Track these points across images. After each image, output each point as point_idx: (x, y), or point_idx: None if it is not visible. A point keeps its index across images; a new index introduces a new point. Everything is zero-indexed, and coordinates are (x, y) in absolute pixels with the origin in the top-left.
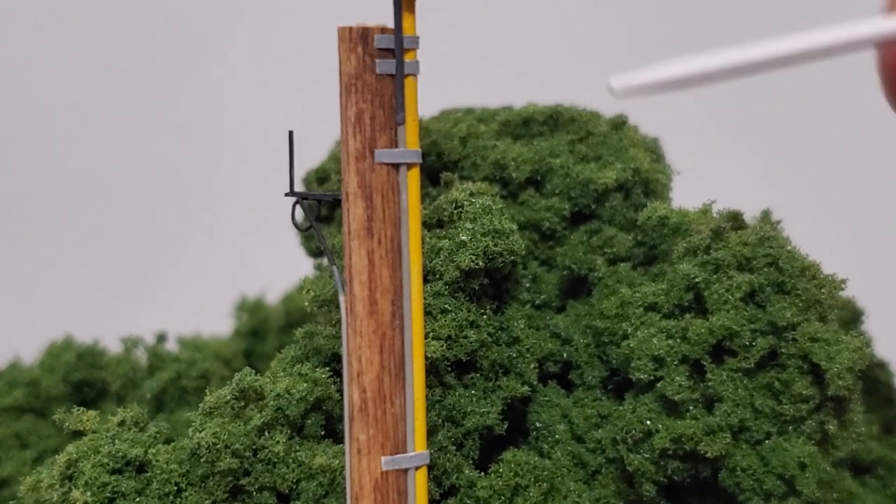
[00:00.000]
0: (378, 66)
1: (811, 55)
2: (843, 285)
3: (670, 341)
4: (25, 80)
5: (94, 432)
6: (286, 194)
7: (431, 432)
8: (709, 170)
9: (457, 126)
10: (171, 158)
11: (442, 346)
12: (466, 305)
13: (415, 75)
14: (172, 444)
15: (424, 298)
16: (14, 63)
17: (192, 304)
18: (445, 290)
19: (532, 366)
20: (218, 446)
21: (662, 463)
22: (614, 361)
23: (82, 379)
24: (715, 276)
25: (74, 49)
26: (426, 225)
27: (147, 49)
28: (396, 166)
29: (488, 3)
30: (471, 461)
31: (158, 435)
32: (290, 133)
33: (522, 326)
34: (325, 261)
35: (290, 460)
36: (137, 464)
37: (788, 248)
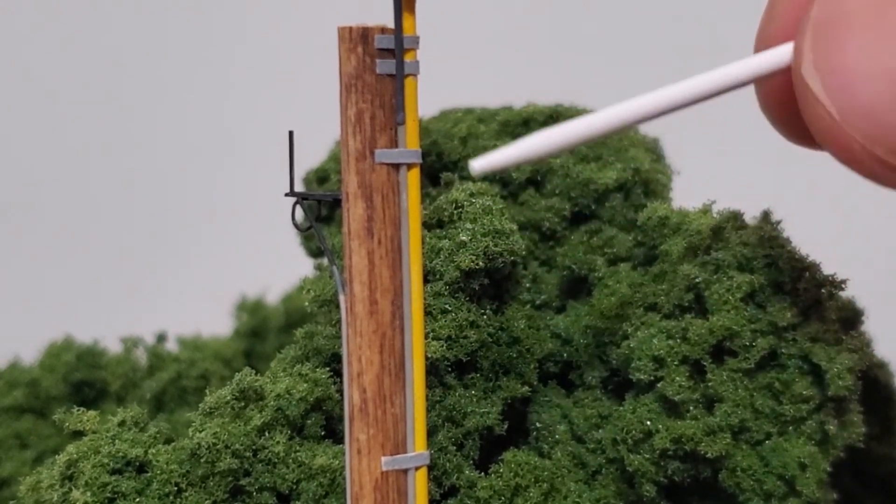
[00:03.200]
0: (378, 66)
1: (691, 101)
2: (843, 285)
3: (670, 341)
4: (26, 81)
5: (94, 432)
6: (286, 194)
7: (431, 432)
8: (709, 170)
9: (457, 126)
10: (171, 158)
11: (442, 346)
12: (466, 305)
13: (415, 75)
14: (172, 444)
15: (424, 298)
16: (17, 63)
17: (192, 304)
18: (445, 290)
19: (532, 366)
20: (218, 446)
21: (663, 463)
22: (614, 362)
23: (82, 379)
24: (715, 277)
25: (77, 51)
26: (426, 225)
27: (148, 49)
28: (396, 166)
29: (488, 3)
30: (471, 461)
31: (158, 435)
32: (290, 133)
33: (522, 326)
34: (325, 261)
35: (291, 460)
36: (137, 464)
37: (788, 248)
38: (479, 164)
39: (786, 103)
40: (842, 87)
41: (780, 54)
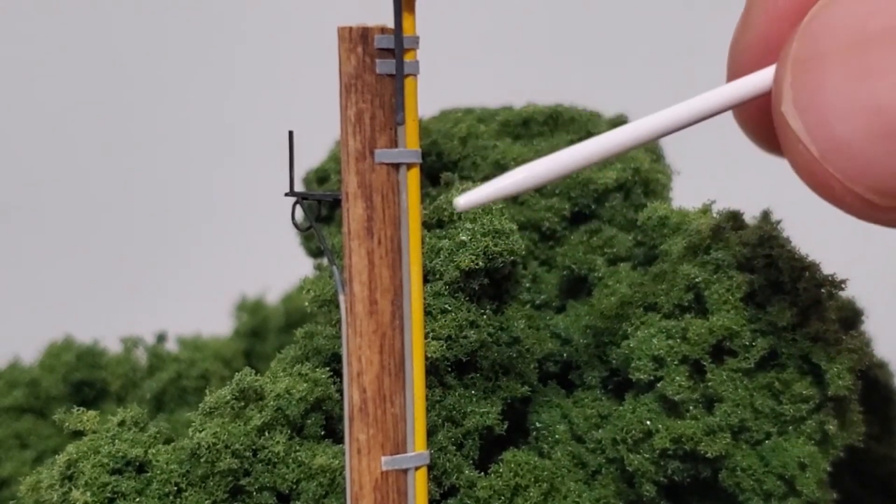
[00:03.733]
0: (378, 66)
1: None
2: (842, 285)
3: (670, 341)
4: (26, 81)
5: (94, 432)
6: (286, 194)
7: (431, 432)
8: (709, 170)
9: (457, 126)
10: (171, 159)
11: (442, 346)
12: (466, 305)
13: (415, 75)
14: (172, 444)
15: (424, 298)
16: (17, 63)
17: (192, 304)
18: (445, 290)
19: (532, 366)
20: (218, 446)
21: (662, 463)
22: (614, 361)
23: (82, 379)
24: (715, 276)
25: (77, 51)
26: (426, 225)
27: (148, 49)
28: (396, 166)
29: (488, 3)
30: (471, 461)
31: (158, 435)
32: (290, 133)
33: (522, 326)
34: (325, 261)
35: (290, 460)
36: (137, 464)
37: (788, 247)
38: (463, 201)
39: (761, 121)
40: (820, 126)
41: (758, 80)
